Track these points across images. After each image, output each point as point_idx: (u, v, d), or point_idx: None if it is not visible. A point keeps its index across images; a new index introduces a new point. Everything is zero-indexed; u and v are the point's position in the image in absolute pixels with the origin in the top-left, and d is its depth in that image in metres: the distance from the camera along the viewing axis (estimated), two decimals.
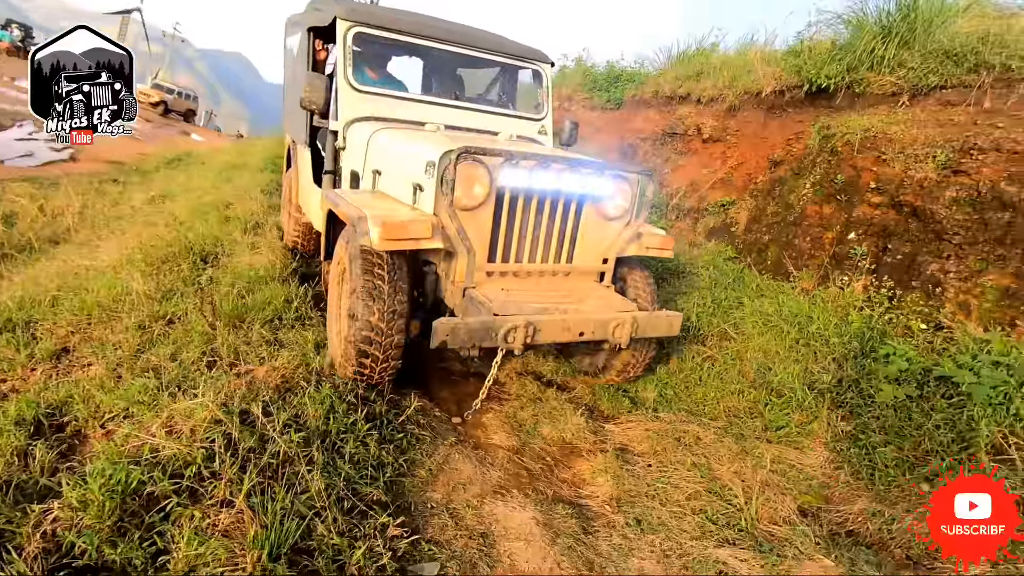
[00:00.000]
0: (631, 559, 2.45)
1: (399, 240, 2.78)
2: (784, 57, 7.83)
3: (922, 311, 4.51)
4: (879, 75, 6.28)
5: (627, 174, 3.42)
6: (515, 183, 3.03)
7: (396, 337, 2.97)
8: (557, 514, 2.64)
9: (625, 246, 3.57)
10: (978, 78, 5.40)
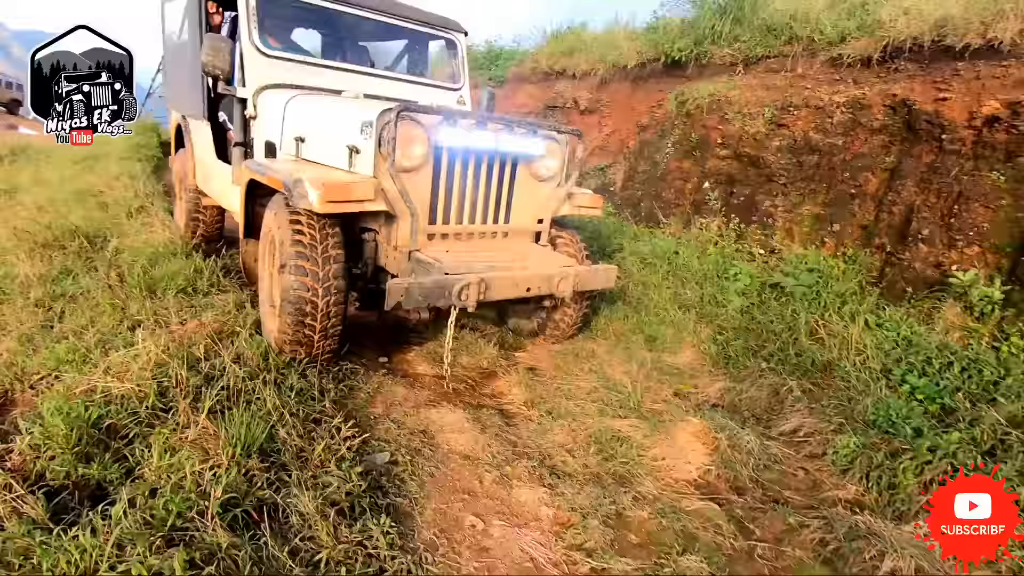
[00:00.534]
0: (547, 437, 3.01)
1: (341, 202, 2.74)
2: (644, 34, 8.78)
3: (760, 239, 5.56)
4: (720, 48, 7.34)
5: (559, 135, 3.50)
6: (453, 143, 3.03)
7: (335, 308, 2.91)
8: (483, 415, 3.12)
9: (558, 206, 3.68)
10: (792, 48, 6.57)
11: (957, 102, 4.70)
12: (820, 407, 3.49)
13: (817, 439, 3.25)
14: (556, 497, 2.47)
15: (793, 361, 3.94)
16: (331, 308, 2.90)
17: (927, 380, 3.42)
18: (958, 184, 4.48)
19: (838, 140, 5.48)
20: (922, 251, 4.48)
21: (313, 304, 2.83)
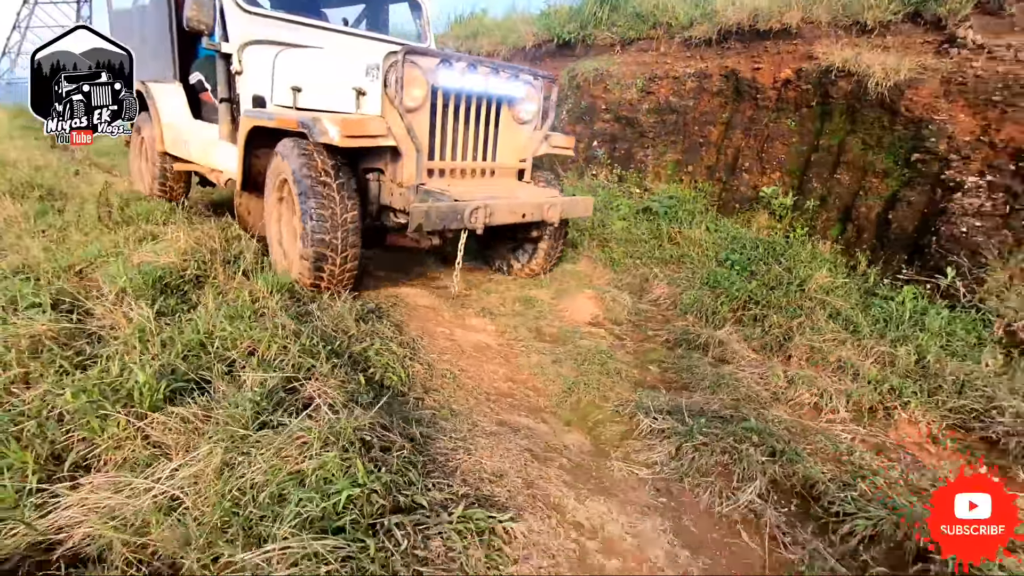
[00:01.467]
0: (484, 299, 4.15)
1: (358, 137, 2.97)
2: (538, 19, 10.10)
3: (636, 181, 7.06)
4: (601, 32, 8.81)
5: (537, 78, 3.87)
6: (449, 84, 3.28)
7: (353, 239, 3.15)
8: (437, 292, 4.21)
9: (537, 146, 4.07)
10: (656, 32, 8.15)
11: (766, 71, 6.41)
12: (674, 282, 4.93)
13: (671, 300, 4.67)
14: (495, 321, 3.65)
15: (657, 256, 5.40)
16: (349, 243, 3.14)
17: (742, 256, 4.98)
18: (767, 130, 6.18)
19: (690, 102, 7.10)
20: (744, 179, 6.15)
21: (333, 241, 3.06)
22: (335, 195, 3.10)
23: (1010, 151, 4.27)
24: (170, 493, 1.57)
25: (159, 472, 1.62)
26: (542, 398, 2.82)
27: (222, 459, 1.63)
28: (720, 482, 2.16)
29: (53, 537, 1.50)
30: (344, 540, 1.41)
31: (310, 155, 3.12)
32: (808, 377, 3.13)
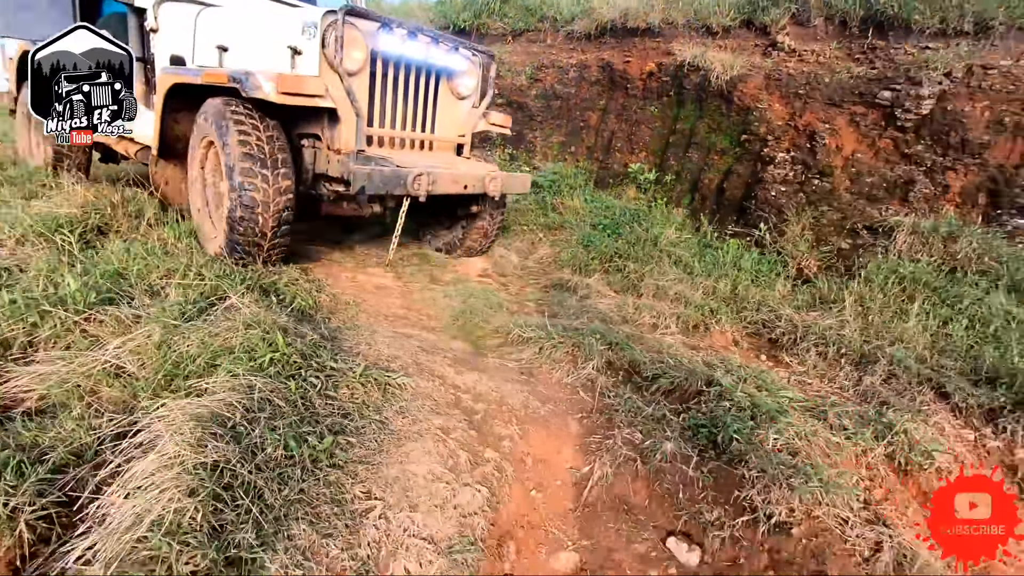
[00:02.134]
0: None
1: (295, 95, 2.80)
2: (435, 6, 10.52)
3: (526, 159, 7.77)
4: (494, 21, 9.42)
5: (476, 53, 3.88)
6: (388, 49, 3.23)
7: (287, 209, 3.01)
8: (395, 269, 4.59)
9: (476, 122, 4.11)
10: (543, 25, 8.91)
11: (634, 64, 7.36)
12: (556, 244, 5.66)
13: (552, 258, 5.39)
14: (394, 270, 4.13)
15: (542, 223, 6.10)
16: (282, 213, 3.00)
17: (611, 221, 5.80)
18: (635, 115, 7.13)
19: (572, 90, 7.92)
20: (617, 158, 7.06)
21: (268, 205, 2.90)
22: (267, 159, 2.92)
23: (808, 133, 5.44)
24: (116, 363, 1.93)
25: (103, 350, 1.97)
26: (433, 321, 3.36)
27: (160, 337, 2.01)
28: (568, 365, 2.84)
29: (10, 402, 1.81)
30: (272, 379, 1.87)
31: (241, 115, 2.94)
32: (651, 306, 3.94)
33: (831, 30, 6.13)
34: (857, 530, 1.87)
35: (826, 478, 1.99)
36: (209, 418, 1.54)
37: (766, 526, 1.85)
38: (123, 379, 1.90)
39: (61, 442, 1.57)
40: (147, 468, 1.32)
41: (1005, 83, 4.84)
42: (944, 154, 4.82)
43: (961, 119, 4.84)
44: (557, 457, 2.15)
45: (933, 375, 2.94)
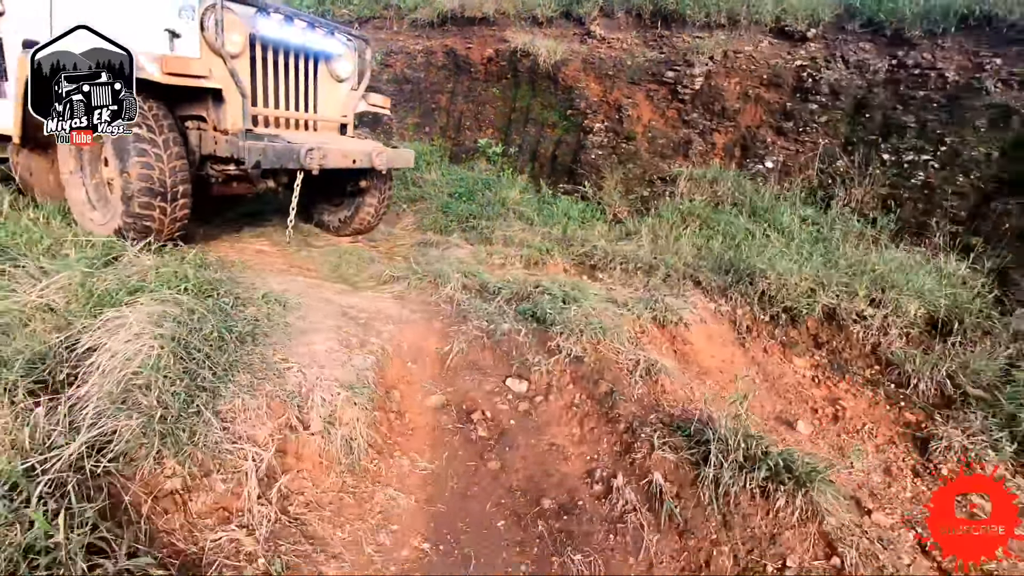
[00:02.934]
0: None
1: (180, 75, 2.92)
2: None
3: (384, 141, 8.30)
4: (339, 8, 9.72)
5: (351, 38, 4.14)
6: (267, 33, 3.41)
7: (182, 183, 3.15)
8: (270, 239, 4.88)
9: (357, 103, 4.38)
10: (388, 12, 9.41)
11: (475, 50, 8.22)
12: (418, 212, 6.36)
13: (416, 224, 6.08)
14: (270, 239, 4.57)
15: (405, 196, 6.76)
16: (179, 186, 3.13)
17: (465, 190, 6.64)
18: (480, 96, 8.01)
19: (421, 74, 8.59)
20: (467, 135, 7.91)
21: (164, 182, 3.03)
22: (159, 137, 3.02)
23: (616, 106, 6.70)
24: (44, 301, 2.32)
25: (30, 292, 2.34)
26: (314, 272, 3.93)
27: (81, 278, 2.42)
28: (431, 289, 3.61)
29: None
30: (191, 298, 2.41)
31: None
32: (501, 251, 4.84)
33: (631, 21, 7.47)
34: (624, 355, 2.89)
35: (607, 327, 3.00)
36: (155, 314, 2.07)
37: (568, 359, 2.80)
38: (55, 313, 2.30)
39: (21, 352, 2.00)
40: (121, 337, 1.84)
41: (749, 64, 6.44)
42: (711, 119, 6.32)
43: (721, 92, 6.36)
44: (425, 343, 2.92)
45: (694, 272, 4.17)
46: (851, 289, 3.68)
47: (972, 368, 3.20)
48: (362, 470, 2.11)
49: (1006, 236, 4.35)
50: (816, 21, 6.38)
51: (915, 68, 5.53)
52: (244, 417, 1.90)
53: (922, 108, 5.33)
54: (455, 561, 1.90)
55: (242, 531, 1.66)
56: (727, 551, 1.94)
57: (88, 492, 1.46)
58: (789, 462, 2.08)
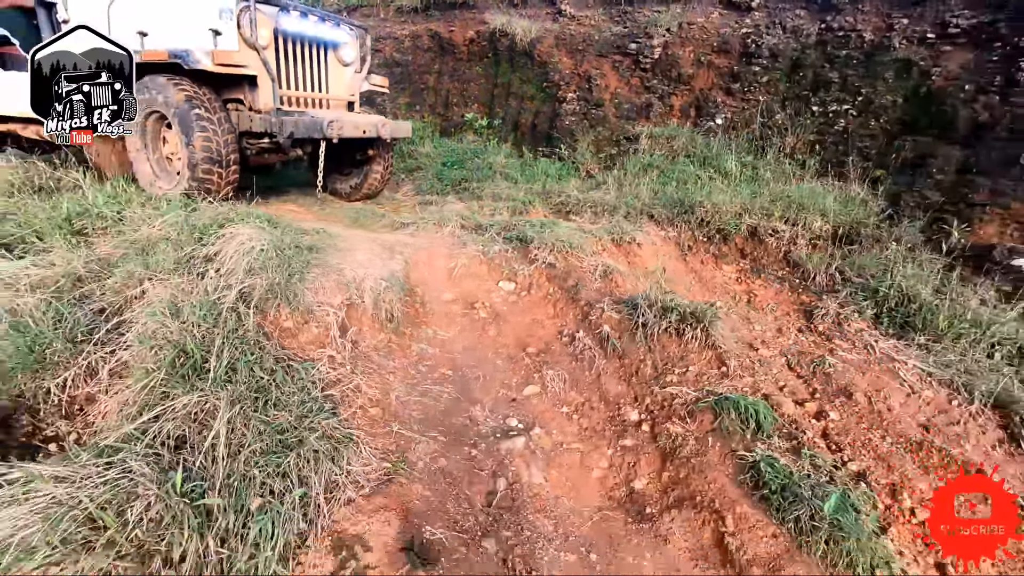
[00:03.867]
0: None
1: (228, 65, 3.77)
2: None
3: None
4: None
5: (353, 28, 5.02)
6: (288, 28, 4.23)
7: (233, 153, 4.04)
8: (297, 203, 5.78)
9: (361, 84, 5.27)
10: (375, 0, 10.19)
11: (458, 32, 9.04)
12: (415, 180, 7.26)
13: (414, 191, 6.98)
14: (297, 203, 5.48)
15: (402, 167, 7.66)
16: (230, 155, 4.05)
17: (456, 159, 7.53)
18: (464, 75, 8.87)
19: (409, 57, 9.42)
20: (455, 111, 8.79)
21: (220, 151, 3.91)
22: (214, 116, 3.90)
23: (586, 77, 7.60)
24: (162, 234, 3.25)
25: (150, 227, 3.26)
26: (338, 223, 4.86)
27: (184, 216, 3.35)
28: (436, 228, 4.54)
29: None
30: (266, 230, 3.34)
31: (185, 84, 3.87)
32: (490, 204, 5.77)
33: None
34: (587, 262, 3.86)
35: (575, 244, 3.96)
36: (251, 232, 3.00)
37: (544, 265, 3.77)
38: (170, 240, 3.23)
39: (169, 255, 2.93)
40: (237, 243, 2.79)
41: (701, 33, 7.34)
42: (669, 84, 7.23)
43: (677, 60, 7.26)
44: (436, 261, 3.88)
45: (649, 209, 5.13)
46: (770, 212, 4.66)
47: (858, 264, 4.21)
48: (400, 332, 3.08)
49: (904, 167, 5.33)
50: None
51: (840, 30, 6.45)
52: (323, 291, 2.86)
53: (845, 65, 6.27)
54: (469, 377, 2.89)
55: (333, 354, 2.62)
56: (649, 364, 2.93)
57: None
58: (693, 309, 3.07)
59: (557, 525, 2.11)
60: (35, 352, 2.04)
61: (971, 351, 3.30)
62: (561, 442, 2.53)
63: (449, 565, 1.74)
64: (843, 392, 2.87)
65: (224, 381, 2.00)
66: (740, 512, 2.10)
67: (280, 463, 1.81)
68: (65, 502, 1.44)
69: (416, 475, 2.08)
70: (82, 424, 1.98)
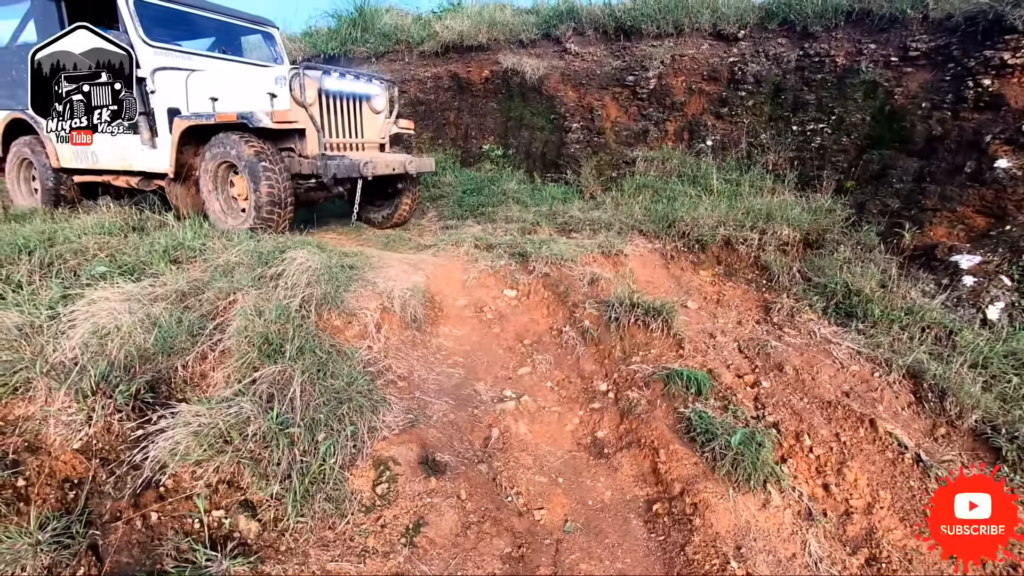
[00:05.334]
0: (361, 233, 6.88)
1: (283, 121, 4.60)
2: (302, 38, 12.54)
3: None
4: (358, 47, 11.69)
5: (383, 82, 5.87)
6: (329, 87, 5.05)
7: (289, 195, 4.86)
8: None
9: (391, 128, 6.12)
10: (400, 47, 11.34)
11: (475, 72, 10.06)
12: (439, 208, 8.17)
13: (438, 217, 7.88)
14: (337, 234, 6.43)
15: (426, 196, 8.59)
16: (287, 197, 4.90)
17: (475, 186, 8.43)
18: (481, 110, 9.85)
19: (432, 96, 10.47)
20: (473, 143, 9.75)
21: (280, 195, 4.78)
22: (276, 165, 4.75)
23: (589, 108, 8.45)
24: (237, 260, 4.18)
25: (226, 255, 4.21)
26: (371, 246, 5.77)
27: (252, 245, 4.28)
28: (454, 248, 5.39)
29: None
30: (319, 256, 4.25)
31: (252, 140, 4.71)
32: (502, 226, 6.61)
33: (598, 37, 9.22)
34: (577, 271, 4.63)
35: (568, 256, 4.74)
36: (307, 256, 3.91)
37: (541, 275, 4.56)
38: (244, 264, 4.16)
39: (247, 275, 3.85)
40: (296, 264, 3.68)
41: (692, 64, 8.12)
42: (664, 111, 8.01)
43: (671, 89, 8.05)
44: (452, 273, 4.72)
45: (639, 225, 5.88)
46: (742, 223, 5.36)
47: (818, 265, 4.86)
48: (423, 330, 3.91)
49: (870, 178, 5.95)
50: (744, 24, 8.02)
51: (816, 56, 7.14)
52: (362, 298, 3.72)
53: (820, 88, 6.94)
54: (476, 363, 3.69)
55: (371, 344, 3.46)
56: (619, 349, 3.68)
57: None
58: (657, 305, 3.81)
59: (535, 460, 2.86)
60: (167, 342, 2.94)
61: (902, 334, 3.93)
62: (544, 406, 3.29)
63: (452, 476, 2.52)
64: (777, 367, 3.55)
65: (296, 359, 2.85)
66: (672, 449, 2.82)
67: (337, 411, 2.64)
68: (206, 424, 2.30)
69: (431, 424, 2.87)
70: (201, 391, 2.86)
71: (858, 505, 2.63)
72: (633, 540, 2.44)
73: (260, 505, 2.24)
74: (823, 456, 2.84)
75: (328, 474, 2.37)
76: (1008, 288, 4.17)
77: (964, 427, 3.18)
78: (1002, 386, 3.40)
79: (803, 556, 2.36)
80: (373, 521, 2.28)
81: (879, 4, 6.81)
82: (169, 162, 5.39)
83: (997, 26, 5.39)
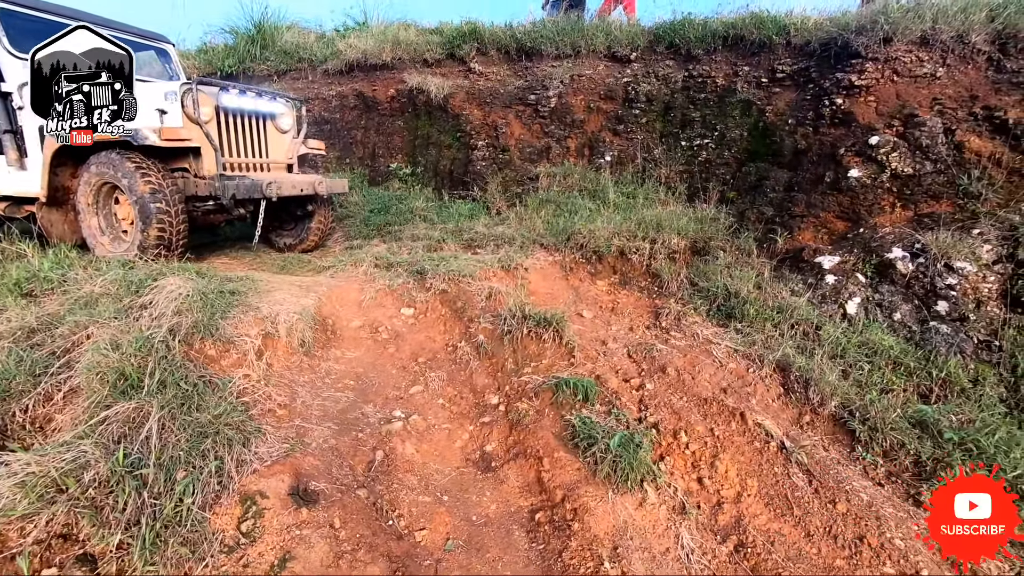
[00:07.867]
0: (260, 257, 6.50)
1: (174, 140, 4.28)
2: (198, 55, 11.94)
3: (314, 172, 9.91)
4: (257, 64, 11.27)
5: (289, 100, 5.75)
6: (228, 104, 4.84)
7: (182, 215, 4.58)
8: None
9: (298, 148, 5.96)
10: (302, 65, 11.05)
11: (380, 91, 9.97)
12: (345, 228, 7.96)
13: (344, 238, 7.67)
14: (230, 258, 6.10)
15: (333, 216, 8.35)
16: (180, 215, 4.59)
17: (382, 205, 8.30)
18: (388, 129, 9.76)
19: (337, 115, 10.26)
20: (381, 162, 9.63)
21: (169, 216, 4.49)
22: (164, 183, 4.47)
23: (494, 126, 8.58)
24: (103, 290, 3.85)
25: (94, 283, 3.86)
26: (265, 270, 5.52)
27: (123, 273, 3.97)
28: (352, 268, 5.25)
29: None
30: (196, 280, 4.00)
31: (136, 159, 4.40)
32: (408, 244, 6.53)
33: (501, 57, 9.41)
34: (476, 286, 4.64)
35: (467, 272, 4.74)
36: (181, 282, 3.65)
37: (438, 291, 4.52)
38: (110, 295, 3.84)
39: (112, 305, 3.54)
40: (167, 292, 3.43)
41: (590, 84, 8.46)
42: (565, 129, 8.28)
43: (571, 107, 8.34)
44: (347, 294, 4.59)
45: (541, 239, 6.00)
46: (635, 233, 5.60)
47: (703, 271, 5.15)
48: (312, 355, 3.76)
49: (749, 189, 6.41)
50: (636, 47, 8.47)
51: (699, 77, 7.65)
52: (241, 325, 3.53)
53: (704, 106, 7.44)
54: (367, 385, 3.58)
55: (248, 373, 3.27)
56: (512, 361, 3.71)
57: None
58: (548, 316, 3.88)
59: (421, 480, 2.80)
60: (2, 384, 2.64)
61: (774, 331, 4.23)
62: (434, 424, 3.24)
63: (327, 505, 2.41)
64: (661, 369, 3.70)
65: (155, 393, 2.64)
66: (556, 456, 2.85)
67: (200, 446, 2.46)
68: (36, 472, 2.07)
69: (309, 451, 2.75)
70: (42, 436, 2.58)
71: (728, 495, 2.77)
72: (515, 552, 2.43)
73: (102, 557, 2.04)
74: (698, 451, 2.98)
75: (185, 515, 2.20)
76: (863, 284, 4.60)
77: (825, 413, 3.45)
78: (856, 373, 3.72)
79: (676, 550, 2.44)
80: (235, 562, 2.13)
81: (750, 31, 7.42)
82: (41, 185, 4.93)
83: (846, 51, 6.02)
